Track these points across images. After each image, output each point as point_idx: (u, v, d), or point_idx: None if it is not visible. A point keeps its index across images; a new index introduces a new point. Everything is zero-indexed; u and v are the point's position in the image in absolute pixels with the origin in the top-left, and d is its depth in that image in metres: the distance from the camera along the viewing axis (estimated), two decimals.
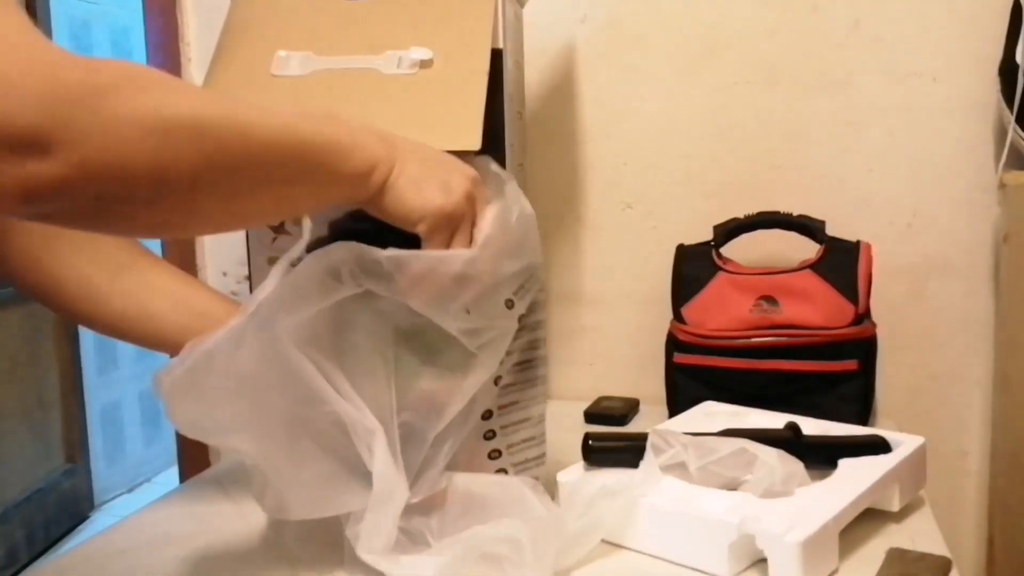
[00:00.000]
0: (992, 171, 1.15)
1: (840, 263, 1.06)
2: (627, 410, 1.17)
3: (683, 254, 1.14)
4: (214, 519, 0.83)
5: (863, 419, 1.03)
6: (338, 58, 0.90)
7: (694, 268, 1.11)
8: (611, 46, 1.26)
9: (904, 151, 1.18)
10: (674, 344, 1.10)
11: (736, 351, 1.05)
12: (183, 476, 1.48)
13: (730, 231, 1.12)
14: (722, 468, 0.75)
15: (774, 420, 0.89)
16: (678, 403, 1.07)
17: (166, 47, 1.41)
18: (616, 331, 1.30)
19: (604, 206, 1.28)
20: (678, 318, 1.10)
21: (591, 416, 1.16)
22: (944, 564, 0.69)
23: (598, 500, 0.72)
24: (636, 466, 0.76)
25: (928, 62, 1.16)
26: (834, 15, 1.18)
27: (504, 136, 0.95)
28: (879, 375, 1.07)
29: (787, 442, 0.78)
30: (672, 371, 1.10)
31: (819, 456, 0.78)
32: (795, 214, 1.11)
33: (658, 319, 1.15)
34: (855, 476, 0.75)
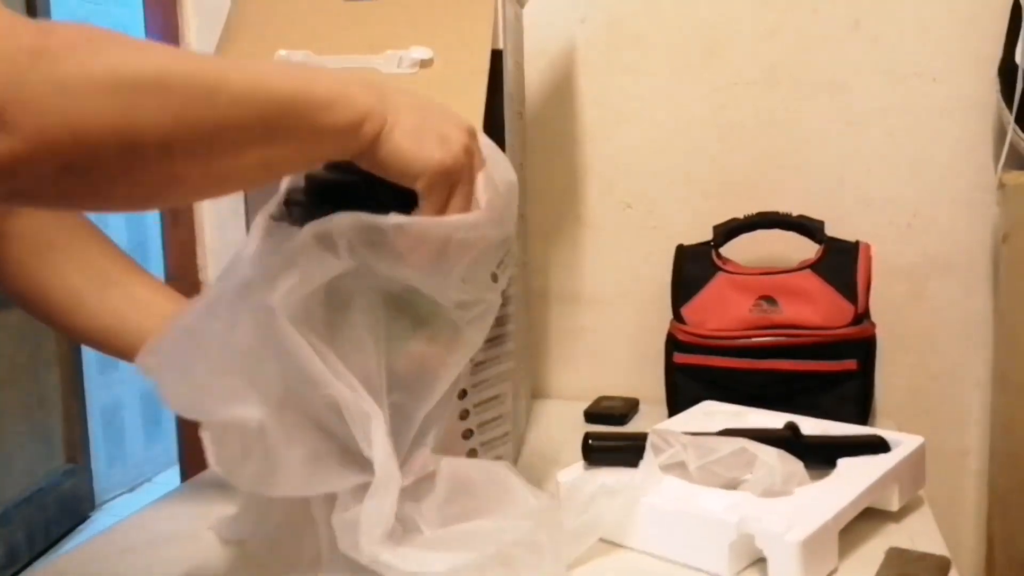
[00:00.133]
0: (992, 171, 1.15)
1: (839, 263, 1.06)
2: (627, 410, 1.17)
3: (683, 254, 1.14)
4: (214, 519, 0.83)
5: (862, 419, 1.03)
6: (338, 58, 0.90)
7: (694, 268, 1.11)
8: (611, 46, 1.26)
9: (904, 151, 1.18)
10: (674, 344, 1.10)
11: (736, 351, 1.05)
12: (184, 476, 1.48)
13: (730, 231, 1.13)
14: (722, 468, 0.75)
15: (774, 420, 0.89)
16: (678, 403, 1.07)
17: None
18: (616, 331, 1.30)
19: (604, 206, 1.28)
20: (678, 318, 1.10)
21: (591, 416, 1.16)
22: (943, 564, 0.69)
23: (597, 499, 0.72)
24: (636, 466, 0.76)
25: (928, 62, 1.16)
26: (834, 15, 1.18)
27: (504, 136, 0.95)
28: (878, 375, 1.07)
29: (787, 442, 0.78)
30: (672, 371, 1.10)
31: (818, 456, 0.78)
32: (795, 214, 1.11)
33: (658, 319, 1.15)
34: (854, 476, 0.76)
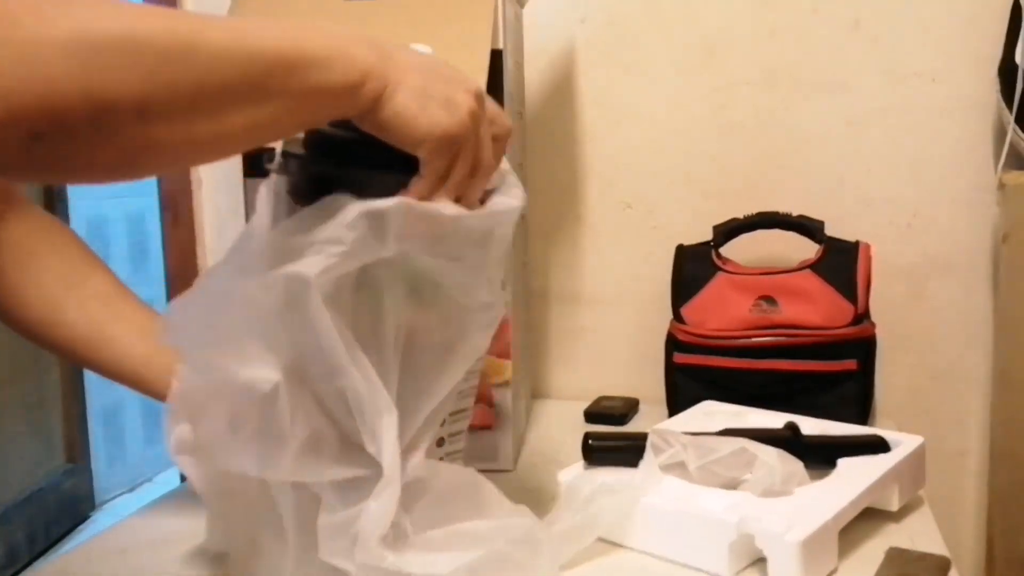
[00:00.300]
0: (992, 171, 1.15)
1: (839, 263, 1.06)
2: (627, 410, 1.17)
3: (683, 254, 1.14)
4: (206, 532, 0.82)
5: (862, 419, 1.03)
6: None
7: (694, 268, 1.11)
8: (611, 46, 1.26)
9: (904, 151, 1.18)
10: (674, 344, 1.10)
11: (736, 351, 1.05)
12: (184, 476, 1.47)
13: (730, 231, 1.13)
14: (722, 467, 0.75)
15: (774, 420, 0.89)
16: (678, 403, 1.07)
17: None
18: (616, 331, 1.30)
19: (604, 206, 1.28)
20: (678, 318, 1.10)
21: (591, 416, 1.16)
22: (943, 564, 0.69)
23: (597, 499, 0.72)
24: (636, 466, 0.76)
25: (928, 62, 1.16)
26: (834, 15, 1.18)
27: None
28: (878, 375, 1.07)
29: (786, 442, 0.78)
30: (672, 371, 1.10)
31: (818, 456, 0.78)
32: (795, 214, 1.11)
33: (658, 319, 1.15)
34: (854, 476, 0.76)
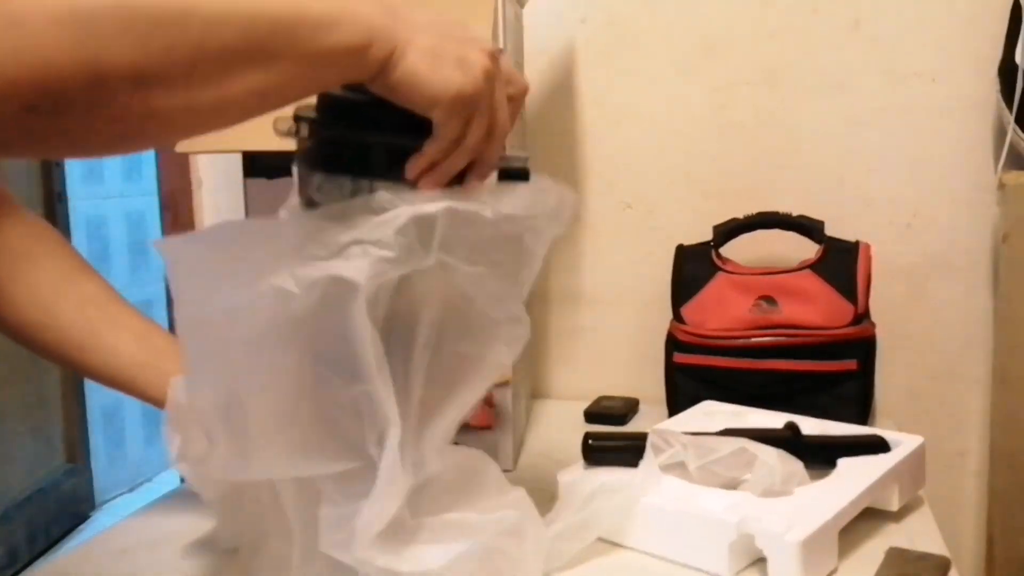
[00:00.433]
0: (991, 171, 1.15)
1: (839, 263, 1.06)
2: (627, 410, 1.17)
3: (683, 254, 1.14)
4: (214, 519, 0.83)
5: (862, 419, 1.04)
6: None
7: (694, 268, 1.11)
8: (611, 46, 1.26)
9: (904, 151, 1.18)
10: (674, 344, 1.10)
11: (735, 351, 1.05)
12: (183, 476, 1.47)
13: (730, 231, 1.13)
14: (722, 468, 0.75)
15: (774, 420, 0.89)
16: (678, 403, 1.07)
17: None
18: (616, 331, 1.30)
19: (604, 206, 1.28)
20: (678, 318, 1.10)
21: (591, 416, 1.16)
22: (943, 564, 0.69)
23: (596, 498, 0.72)
24: (636, 466, 0.76)
25: (928, 62, 1.16)
26: (834, 16, 1.18)
27: None
28: (878, 375, 1.07)
29: (787, 442, 0.78)
30: (672, 371, 1.10)
31: (818, 456, 0.78)
32: (795, 214, 1.11)
33: (658, 319, 1.15)
34: (854, 476, 0.76)
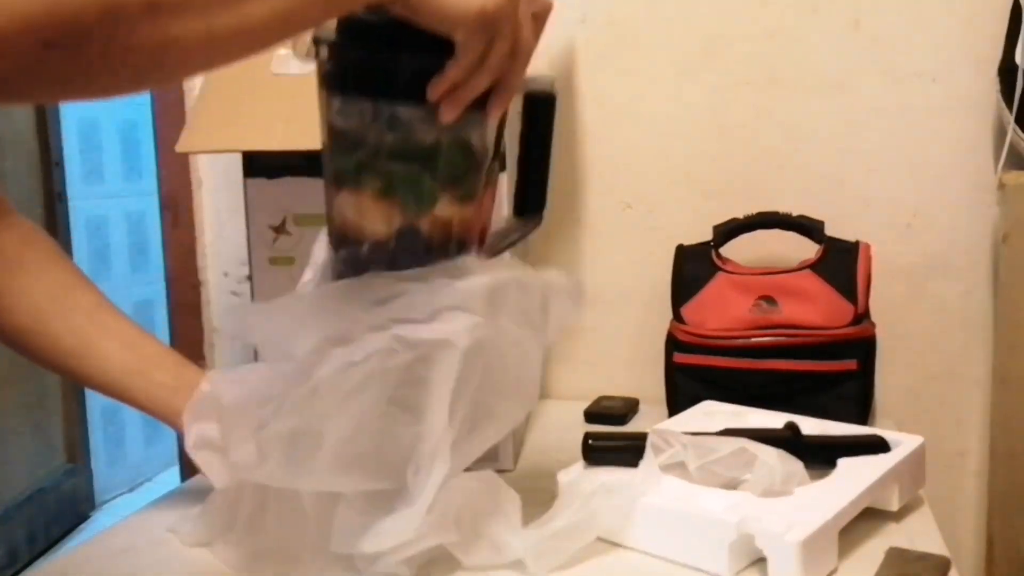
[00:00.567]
0: (991, 171, 1.15)
1: (839, 263, 1.06)
2: (627, 410, 1.17)
3: (683, 254, 1.14)
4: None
5: (862, 419, 1.03)
6: None
7: (694, 268, 1.11)
8: (611, 46, 1.26)
9: (904, 151, 1.18)
10: (674, 344, 1.10)
11: (736, 351, 1.05)
12: (183, 476, 1.48)
13: (730, 231, 1.13)
14: (722, 467, 0.75)
15: (774, 420, 0.89)
16: (678, 403, 1.07)
17: None
18: (616, 331, 1.29)
19: (604, 206, 1.28)
20: (678, 318, 1.10)
21: (591, 416, 1.16)
22: (943, 564, 0.69)
23: (595, 498, 0.72)
24: (636, 465, 0.76)
25: (927, 62, 1.16)
26: (834, 16, 1.18)
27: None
28: (878, 375, 1.07)
29: (787, 441, 0.78)
30: (672, 371, 1.10)
31: (818, 456, 0.78)
32: (795, 214, 1.11)
33: (658, 319, 1.15)
34: (854, 476, 0.76)
